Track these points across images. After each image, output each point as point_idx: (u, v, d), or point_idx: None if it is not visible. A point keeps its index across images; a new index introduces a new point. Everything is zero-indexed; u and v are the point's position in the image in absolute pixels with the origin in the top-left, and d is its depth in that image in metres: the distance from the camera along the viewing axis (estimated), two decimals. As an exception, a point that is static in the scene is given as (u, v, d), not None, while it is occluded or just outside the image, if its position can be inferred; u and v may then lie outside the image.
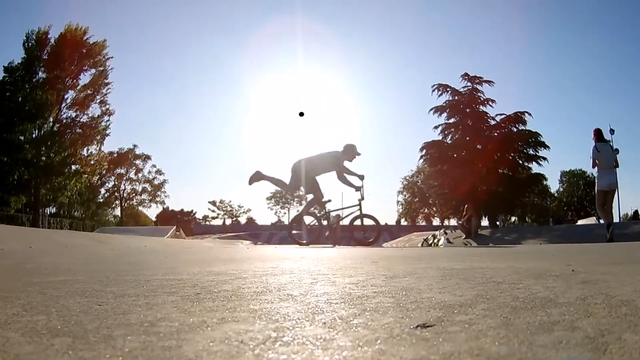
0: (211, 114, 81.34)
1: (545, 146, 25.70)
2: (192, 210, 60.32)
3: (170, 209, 55.46)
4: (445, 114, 25.17)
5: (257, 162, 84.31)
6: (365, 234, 9.50)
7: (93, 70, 31.20)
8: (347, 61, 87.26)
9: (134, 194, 49.09)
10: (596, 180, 9.44)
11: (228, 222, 54.03)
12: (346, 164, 9.05)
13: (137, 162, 48.71)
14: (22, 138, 28.57)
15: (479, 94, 25.42)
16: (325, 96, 75.66)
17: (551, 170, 67.47)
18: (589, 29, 68.69)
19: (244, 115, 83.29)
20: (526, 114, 25.72)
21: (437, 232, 19.97)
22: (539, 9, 77.00)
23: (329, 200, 9.30)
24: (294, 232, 10.08)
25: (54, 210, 36.75)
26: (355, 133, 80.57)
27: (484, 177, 22.50)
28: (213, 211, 57.37)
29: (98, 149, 32.70)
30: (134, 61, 72.42)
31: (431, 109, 25.31)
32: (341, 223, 9.64)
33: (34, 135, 29.03)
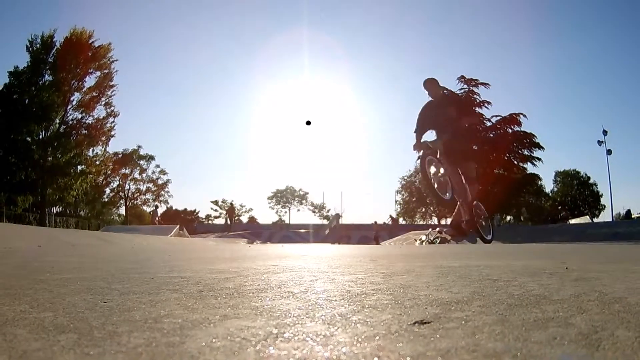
0: (216, 117, 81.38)
1: (540, 147, 25.76)
2: (195, 210, 60.25)
3: (173, 208, 55.37)
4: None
5: (259, 163, 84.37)
6: None
7: (98, 73, 31.21)
8: (350, 66, 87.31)
9: (138, 194, 49.06)
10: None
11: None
12: None
13: (142, 162, 48.65)
14: (28, 139, 28.55)
15: (475, 96, 25.47)
16: (329, 101, 75.65)
17: (545, 170, 67.56)
18: (582, 30, 68.76)
19: (249, 119, 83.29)
20: (521, 116, 25.78)
21: (431, 230, 20.06)
22: (532, 12, 77.13)
23: None
24: None
25: (60, 209, 36.71)
26: (356, 134, 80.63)
27: (480, 177, 22.59)
28: (215, 210, 57.30)
29: (103, 149, 32.73)
30: (141, 64, 72.41)
31: (428, 111, 25.37)
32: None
33: (40, 137, 29.02)
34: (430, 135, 7.25)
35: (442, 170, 6.74)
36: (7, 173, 27.40)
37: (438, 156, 6.81)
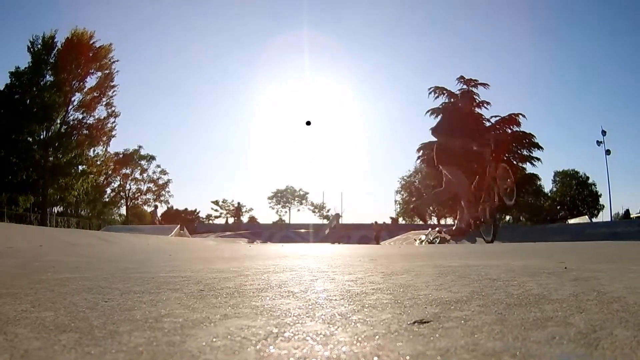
0: (216, 117, 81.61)
1: (539, 147, 25.78)
2: (195, 210, 60.23)
3: (174, 208, 55.37)
4: (441, 116, 25.29)
5: (259, 163, 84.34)
6: None
7: (99, 73, 31.25)
8: (350, 66, 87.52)
9: (138, 194, 49.12)
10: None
11: (231, 221, 53.95)
12: None
13: (142, 162, 48.68)
14: (30, 139, 28.57)
15: (474, 96, 25.48)
16: (329, 101, 75.84)
17: (545, 170, 67.67)
18: (581, 31, 68.88)
19: (249, 119, 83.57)
20: (520, 116, 25.80)
21: (430, 230, 20.09)
22: (531, 12, 77.25)
23: None
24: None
25: (61, 209, 36.71)
26: (356, 134, 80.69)
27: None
28: (216, 210, 57.27)
29: (104, 149, 32.80)
30: (141, 64, 72.62)
31: (427, 111, 25.39)
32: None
33: (41, 137, 29.05)
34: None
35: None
36: (9, 173, 27.42)
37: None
